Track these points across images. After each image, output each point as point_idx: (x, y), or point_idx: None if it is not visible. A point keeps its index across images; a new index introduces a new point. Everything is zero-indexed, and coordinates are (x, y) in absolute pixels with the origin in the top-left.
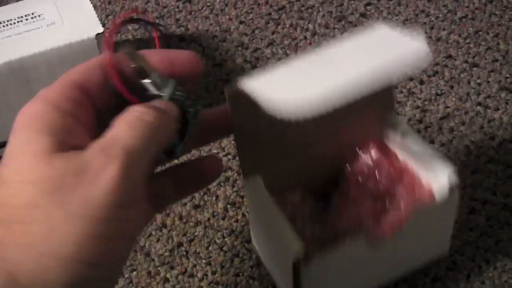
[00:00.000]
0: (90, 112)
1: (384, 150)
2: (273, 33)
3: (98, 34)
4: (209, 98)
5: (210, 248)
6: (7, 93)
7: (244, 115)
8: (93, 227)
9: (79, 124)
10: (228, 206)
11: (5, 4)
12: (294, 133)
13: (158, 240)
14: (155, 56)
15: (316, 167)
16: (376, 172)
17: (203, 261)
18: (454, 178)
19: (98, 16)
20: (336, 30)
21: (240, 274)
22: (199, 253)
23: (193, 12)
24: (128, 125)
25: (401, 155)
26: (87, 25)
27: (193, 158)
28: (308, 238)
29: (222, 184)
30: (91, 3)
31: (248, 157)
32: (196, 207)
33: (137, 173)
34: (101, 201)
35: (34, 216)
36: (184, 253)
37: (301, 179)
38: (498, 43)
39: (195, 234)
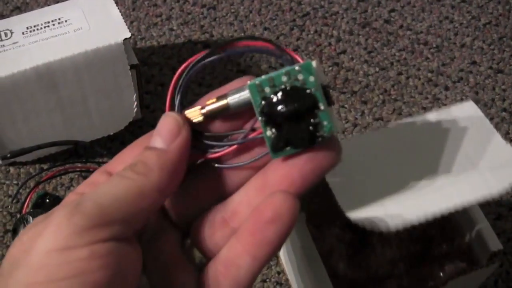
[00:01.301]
0: None
1: None
2: (297, 39)
3: (125, 39)
4: None
5: None
6: (34, 98)
7: None
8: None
9: None
10: None
11: (29, 10)
12: None
13: None
14: None
15: None
16: None
17: None
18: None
19: None
20: (360, 36)
21: (267, 280)
22: None
23: (217, 19)
24: (107, 184)
25: None
26: (114, 30)
27: None
28: (341, 277)
29: None
30: None
31: None
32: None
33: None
34: (41, 248)
35: None
36: None
37: (342, 213)
38: None
39: None
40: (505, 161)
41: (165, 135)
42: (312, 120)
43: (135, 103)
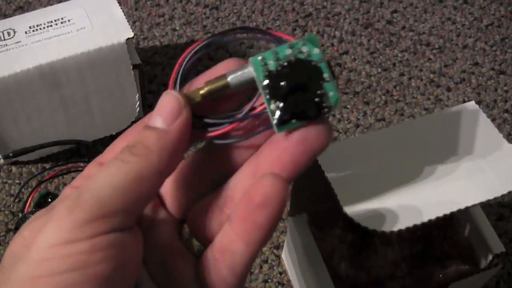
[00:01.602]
0: None
1: None
2: None
3: (128, 39)
4: None
5: None
6: (37, 97)
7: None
8: (34, 268)
9: None
10: None
11: (31, 10)
12: None
13: None
14: None
15: None
16: None
17: None
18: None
19: None
20: (362, 37)
21: (269, 280)
22: None
23: (220, 19)
24: (105, 171)
25: None
26: (117, 30)
27: None
28: (343, 277)
29: None
30: None
31: (298, 197)
32: None
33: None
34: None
35: None
36: None
37: (343, 213)
38: None
39: None
40: (507, 162)
41: (166, 114)
42: (318, 92)
43: (138, 102)
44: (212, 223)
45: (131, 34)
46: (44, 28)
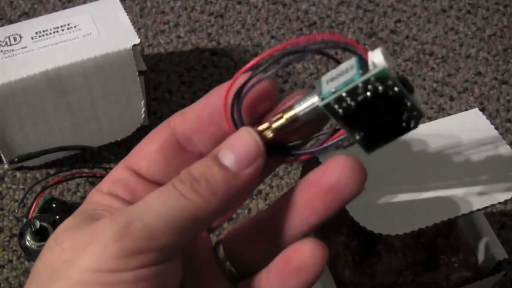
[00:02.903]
0: None
1: None
2: None
3: (134, 45)
4: None
5: None
6: (43, 102)
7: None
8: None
9: None
10: None
11: (37, 16)
12: None
13: None
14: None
15: None
16: None
17: None
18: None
19: None
20: (366, 46)
21: None
22: None
23: (224, 27)
24: (160, 200)
25: None
26: (124, 36)
27: None
28: (347, 284)
29: (254, 197)
30: None
31: None
32: (229, 219)
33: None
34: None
35: None
36: None
37: (348, 219)
38: None
39: None
40: (511, 168)
41: (240, 155)
42: (400, 116)
43: (143, 109)
44: (247, 251)
45: (137, 41)
46: (50, 33)
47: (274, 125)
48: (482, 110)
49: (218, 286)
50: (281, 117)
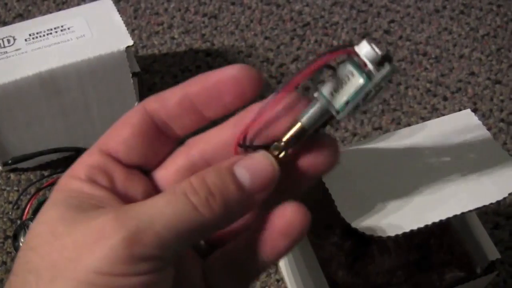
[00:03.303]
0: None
1: None
2: (298, 48)
3: (128, 47)
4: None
5: None
6: (37, 104)
7: None
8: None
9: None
10: None
11: (31, 17)
12: None
13: None
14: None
15: None
16: None
17: None
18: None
19: None
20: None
21: (266, 287)
22: None
23: (218, 28)
24: (172, 209)
25: None
26: (117, 38)
27: None
28: (340, 285)
29: None
30: None
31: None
32: None
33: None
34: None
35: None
36: None
37: (341, 220)
38: None
39: None
40: (503, 169)
41: (256, 179)
42: None
43: None
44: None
45: (130, 42)
46: (44, 35)
47: (283, 141)
48: (474, 111)
49: (193, 264)
50: (285, 133)
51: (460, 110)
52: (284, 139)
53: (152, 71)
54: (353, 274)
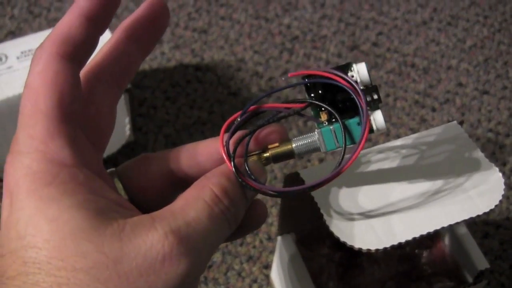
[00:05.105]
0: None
1: None
2: (287, 62)
3: None
4: None
5: (229, 274)
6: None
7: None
8: None
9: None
10: None
11: (22, 35)
12: None
13: None
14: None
15: None
16: None
17: (222, 287)
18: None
19: None
20: (348, 59)
21: None
22: (217, 279)
23: (208, 42)
24: (210, 217)
25: None
26: None
27: None
28: None
29: None
30: None
31: (286, 217)
32: None
33: (201, 269)
34: None
35: None
36: (203, 279)
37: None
38: (507, 71)
39: (214, 260)
40: (489, 180)
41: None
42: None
43: (128, 126)
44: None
45: None
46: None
47: (269, 153)
48: (461, 123)
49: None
50: (276, 147)
51: (448, 121)
52: (271, 152)
53: (143, 86)
54: (343, 285)
